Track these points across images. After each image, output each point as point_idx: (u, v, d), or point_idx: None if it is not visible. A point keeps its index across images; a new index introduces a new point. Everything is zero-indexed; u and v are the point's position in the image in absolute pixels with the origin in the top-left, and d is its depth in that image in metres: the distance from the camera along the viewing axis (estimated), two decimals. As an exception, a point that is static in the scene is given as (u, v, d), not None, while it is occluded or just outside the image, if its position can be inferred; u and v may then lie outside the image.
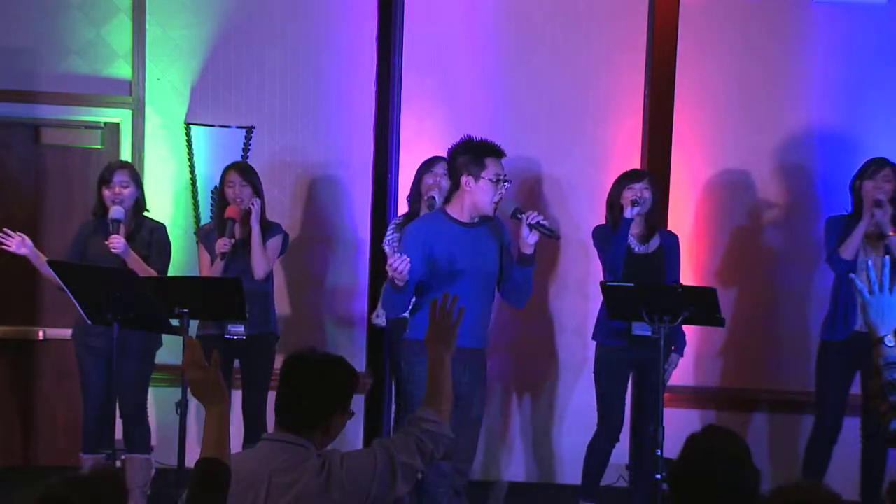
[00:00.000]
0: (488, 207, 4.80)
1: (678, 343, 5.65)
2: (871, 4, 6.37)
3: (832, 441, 5.74)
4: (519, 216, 4.77)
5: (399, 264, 4.56)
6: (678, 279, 5.67)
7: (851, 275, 3.52)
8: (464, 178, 4.79)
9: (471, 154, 4.79)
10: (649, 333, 5.25)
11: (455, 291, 4.65)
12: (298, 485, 3.03)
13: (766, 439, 6.46)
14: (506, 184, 4.81)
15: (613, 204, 5.64)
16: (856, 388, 5.76)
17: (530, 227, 4.73)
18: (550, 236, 4.83)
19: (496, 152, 4.82)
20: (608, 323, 5.50)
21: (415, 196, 5.78)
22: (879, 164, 5.67)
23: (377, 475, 3.11)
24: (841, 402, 5.74)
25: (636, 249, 5.64)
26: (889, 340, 3.12)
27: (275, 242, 5.75)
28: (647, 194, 5.60)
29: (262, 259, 5.65)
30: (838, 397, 5.74)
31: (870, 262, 3.33)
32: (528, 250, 4.80)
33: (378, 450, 3.17)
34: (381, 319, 5.92)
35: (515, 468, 6.66)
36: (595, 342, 5.72)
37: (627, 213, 5.50)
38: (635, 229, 5.65)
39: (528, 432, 6.65)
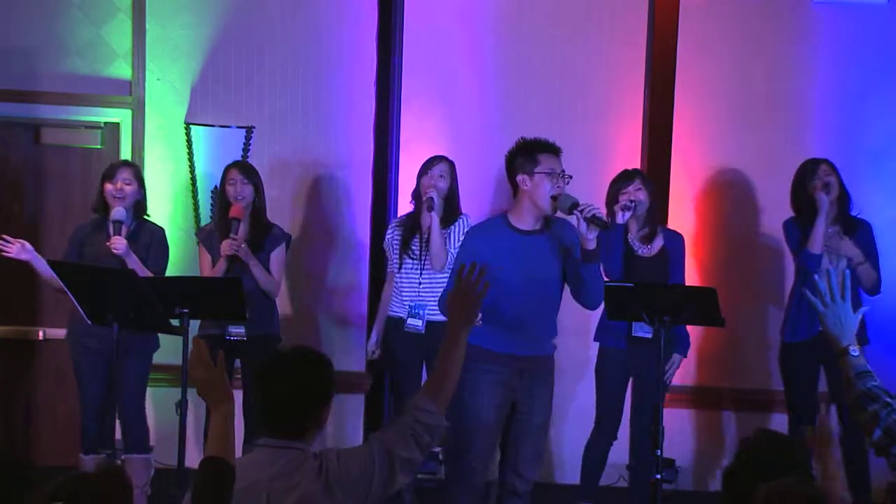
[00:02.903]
0: (545, 201, 4.70)
1: (680, 343, 5.63)
2: (871, 4, 6.38)
3: None
4: (575, 211, 4.62)
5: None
6: (682, 281, 5.65)
7: (804, 289, 3.47)
8: (520, 178, 4.74)
9: (523, 153, 4.76)
10: (650, 335, 5.27)
11: (505, 299, 4.63)
12: (299, 489, 3.01)
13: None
14: (565, 179, 4.73)
15: (609, 207, 5.60)
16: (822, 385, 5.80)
17: (587, 221, 4.58)
18: (605, 228, 4.67)
19: (550, 148, 4.77)
20: (609, 324, 5.49)
21: (417, 197, 5.78)
22: (813, 163, 5.72)
23: (376, 471, 3.08)
24: (813, 401, 5.73)
25: (639, 252, 5.63)
26: (853, 350, 3.04)
27: (279, 254, 5.75)
28: (642, 195, 5.56)
29: (271, 284, 5.69)
30: (809, 397, 5.74)
31: (832, 270, 3.22)
32: (590, 245, 4.65)
33: (375, 445, 3.13)
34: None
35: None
36: (597, 343, 5.72)
37: (619, 219, 5.48)
38: (636, 230, 5.63)
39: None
